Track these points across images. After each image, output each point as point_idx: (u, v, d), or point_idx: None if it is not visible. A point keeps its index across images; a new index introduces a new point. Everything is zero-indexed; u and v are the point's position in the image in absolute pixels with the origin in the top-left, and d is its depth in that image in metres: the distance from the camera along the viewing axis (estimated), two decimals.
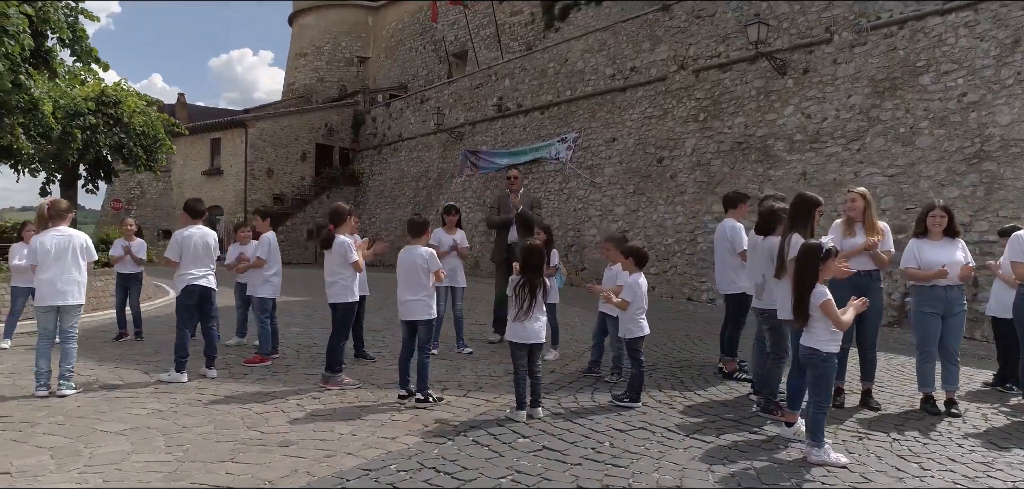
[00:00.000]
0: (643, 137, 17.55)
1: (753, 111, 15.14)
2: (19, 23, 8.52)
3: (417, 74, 35.70)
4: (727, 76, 16.00)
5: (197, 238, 5.68)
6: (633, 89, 18.35)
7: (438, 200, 24.91)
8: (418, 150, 27.61)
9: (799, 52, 14.62)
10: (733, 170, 14.98)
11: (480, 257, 21.74)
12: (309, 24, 39.58)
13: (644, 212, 16.56)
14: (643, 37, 18.30)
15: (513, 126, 22.53)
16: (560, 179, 19.62)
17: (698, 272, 14.74)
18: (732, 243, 6.37)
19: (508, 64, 23.46)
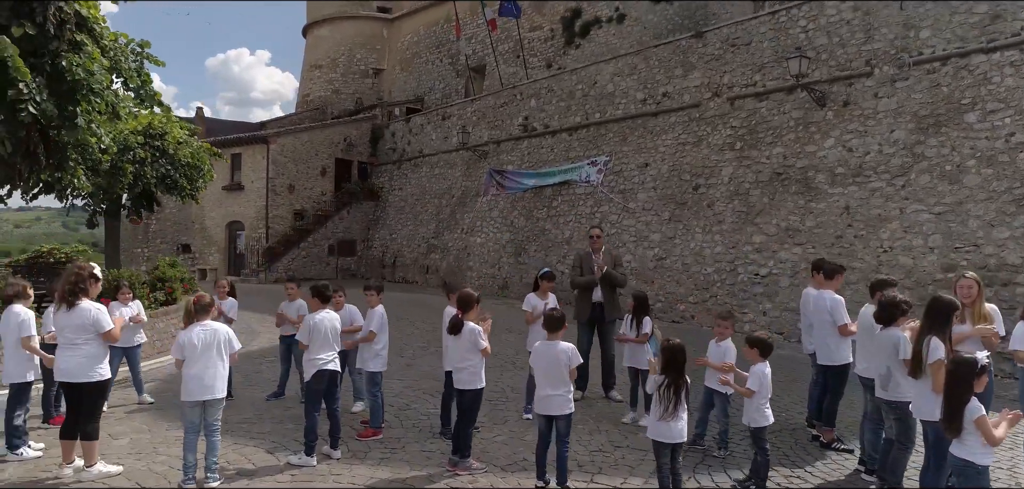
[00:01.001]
0: (677, 164, 17.70)
1: (792, 142, 15.31)
2: (103, 79, 8.65)
3: (434, 87, 35.82)
4: (764, 105, 16.17)
5: (326, 323, 5.82)
6: (665, 114, 18.50)
7: (463, 219, 25.08)
8: (440, 167, 27.73)
9: (839, 84, 14.78)
10: (773, 201, 15.14)
11: (509, 278, 21.89)
12: (323, 36, 39.66)
13: (681, 240, 16.72)
14: (675, 63, 18.45)
15: (540, 146, 22.67)
16: (591, 202, 19.77)
17: (740, 302, 14.89)
18: (834, 317, 6.51)
19: (534, 84, 23.59)
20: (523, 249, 21.53)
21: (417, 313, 17.12)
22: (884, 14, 14.17)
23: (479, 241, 23.67)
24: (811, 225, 14.21)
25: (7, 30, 7.72)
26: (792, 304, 13.93)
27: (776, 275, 14.40)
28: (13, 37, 7.68)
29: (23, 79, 7.51)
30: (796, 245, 14.31)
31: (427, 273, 26.12)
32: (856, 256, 13.21)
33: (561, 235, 20.30)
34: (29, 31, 7.84)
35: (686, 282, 16.18)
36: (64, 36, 8.14)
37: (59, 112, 8.29)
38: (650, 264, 17.17)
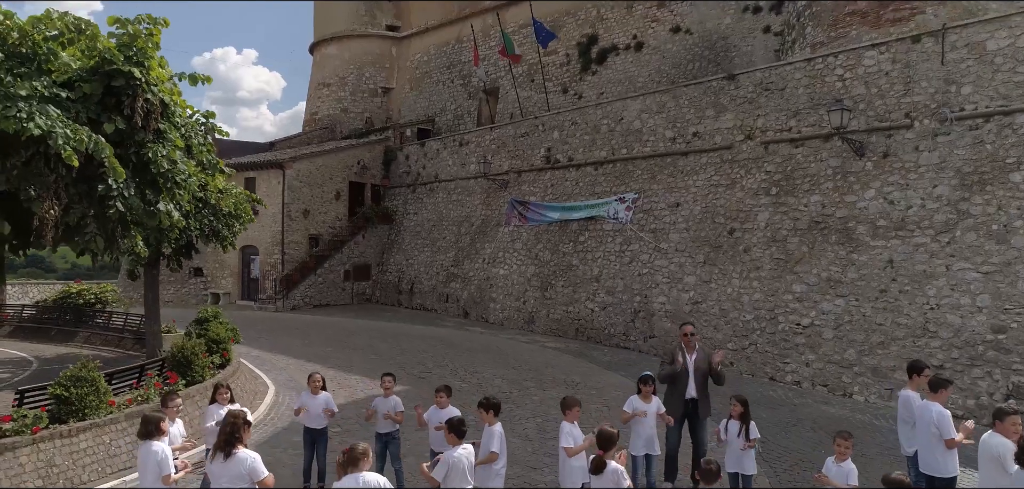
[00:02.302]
0: (710, 205, 17.81)
1: (830, 190, 15.45)
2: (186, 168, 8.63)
3: (445, 108, 35.81)
4: (800, 151, 16.31)
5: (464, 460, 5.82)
6: (696, 154, 18.62)
7: (484, 248, 25.10)
8: (458, 193, 27.73)
9: (877, 135, 14.95)
10: (813, 250, 15.28)
11: (536, 313, 21.93)
12: (332, 54, 39.53)
13: (717, 284, 16.83)
14: (706, 103, 18.57)
15: (564, 179, 22.73)
16: (620, 240, 19.85)
17: (781, 352, 15.02)
18: (941, 430, 6.58)
19: (557, 116, 23.65)
20: (550, 284, 21.59)
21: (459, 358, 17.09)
22: (924, 68, 14.35)
23: (502, 273, 23.70)
24: (853, 277, 14.36)
25: (99, 125, 7.70)
26: (836, 356, 14.09)
27: (819, 327, 14.53)
28: (105, 133, 7.66)
29: (118, 179, 7.49)
30: (838, 297, 14.45)
31: (446, 301, 26.11)
32: (902, 311, 13.37)
33: (590, 272, 20.37)
34: (119, 126, 7.82)
35: (724, 328, 16.29)
36: (150, 127, 8.11)
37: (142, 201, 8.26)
38: (685, 307, 17.27)
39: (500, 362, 16.35)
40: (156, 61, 8.16)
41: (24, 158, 7.22)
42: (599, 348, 18.54)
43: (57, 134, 6.82)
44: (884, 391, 13.13)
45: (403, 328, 22.00)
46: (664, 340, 17.57)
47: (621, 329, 18.79)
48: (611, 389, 13.69)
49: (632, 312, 18.60)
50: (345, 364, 15.90)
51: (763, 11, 23.79)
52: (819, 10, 18.14)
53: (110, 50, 7.37)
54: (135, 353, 16.14)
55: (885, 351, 13.36)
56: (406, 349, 17.98)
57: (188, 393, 10.06)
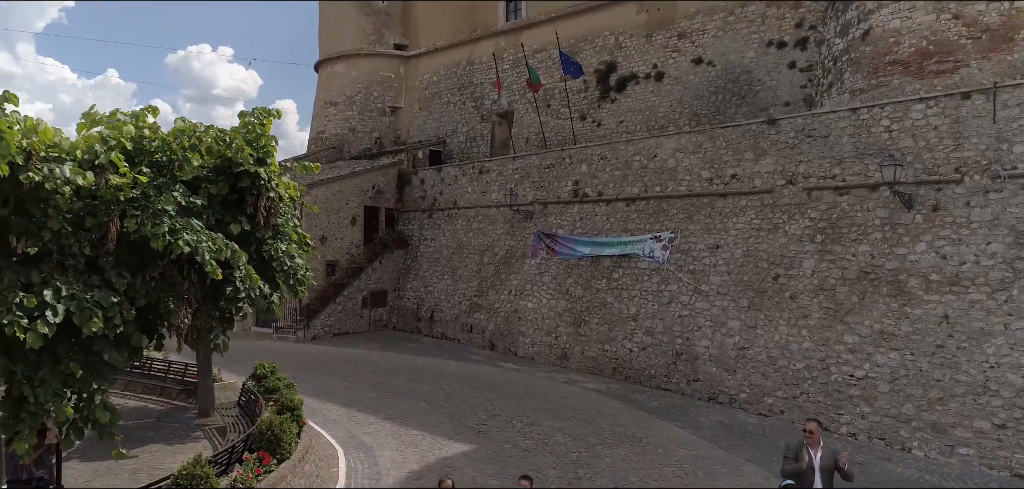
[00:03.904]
0: (752, 249, 17.99)
1: (879, 241, 15.68)
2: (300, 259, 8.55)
3: (457, 129, 35.72)
4: (845, 200, 16.53)
5: None
6: (735, 197, 18.78)
7: (509, 279, 25.08)
8: (479, 221, 27.67)
9: (926, 187, 15.20)
10: (863, 301, 15.50)
11: (569, 349, 21.96)
12: (338, 73, 39.24)
13: (764, 331, 17.00)
14: (745, 146, 18.74)
15: (593, 213, 22.79)
16: (657, 280, 19.96)
17: (835, 403, 15.22)
18: None
19: (586, 149, 23.71)
20: (583, 320, 21.64)
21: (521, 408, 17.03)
22: (975, 124, 14.62)
23: (531, 306, 23.71)
24: (907, 331, 14.60)
25: (226, 225, 7.61)
26: (893, 410, 14.31)
27: (874, 379, 14.75)
28: (232, 234, 7.57)
29: (254, 286, 7.41)
30: (893, 350, 14.68)
31: (470, 332, 26.06)
32: (960, 368, 13.62)
33: (626, 310, 20.46)
34: (245, 226, 7.75)
35: (773, 375, 16.47)
36: (269, 223, 8.03)
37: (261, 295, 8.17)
38: (731, 353, 17.43)
39: (550, 410, 16.36)
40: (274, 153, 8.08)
41: (160, 268, 7.10)
42: (641, 390, 18.63)
43: (202, 249, 6.72)
44: (945, 447, 13.38)
45: (436, 365, 21.91)
46: (709, 385, 17.74)
47: (662, 371, 18.90)
48: (676, 446, 13.79)
49: (673, 354, 18.72)
50: (399, 415, 15.80)
51: (788, 46, 24.08)
52: (858, 57, 18.40)
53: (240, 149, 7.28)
54: (184, 405, 15.90)
55: (944, 407, 13.61)
56: (450, 393, 17.92)
57: (280, 473, 9.94)
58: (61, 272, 6.13)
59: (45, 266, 6.07)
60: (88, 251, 6.35)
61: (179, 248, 6.53)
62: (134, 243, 6.68)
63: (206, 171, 7.62)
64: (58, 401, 6.09)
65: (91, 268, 6.43)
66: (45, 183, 5.51)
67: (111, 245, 6.38)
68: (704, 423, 15.56)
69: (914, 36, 17.25)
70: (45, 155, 5.61)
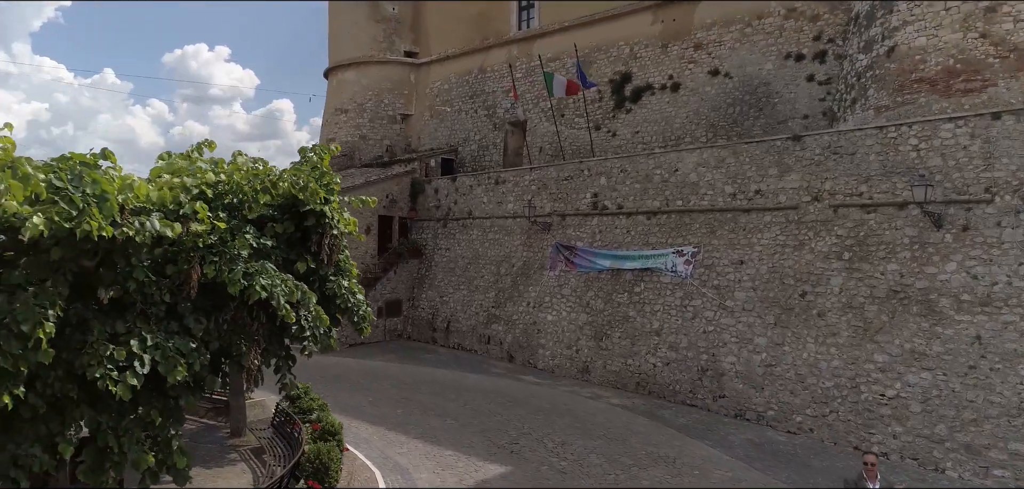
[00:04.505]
0: (777, 266, 18.02)
1: (908, 260, 15.73)
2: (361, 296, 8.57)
3: (469, 137, 35.72)
4: (872, 218, 16.57)
5: None
6: (759, 212, 18.82)
7: (528, 291, 25.11)
8: (495, 232, 27.68)
9: (955, 207, 15.26)
10: (893, 320, 15.55)
11: (590, 363, 21.99)
12: (349, 80, 39.20)
13: (791, 348, 17.04)
14: (769, 162, 18.77)
15: (613, 226, 22.82)
16: (680, 294, 19.99)
17: (866, 422, 15.27)
18: None
19: (605, 162, 23.73)
20: (605, 334, 21.67)
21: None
22: (1005, 145, 14.67)
23: (550, 318, 23.73)
24: (939, 351, 14.65)
25: (292, 264, 7.63)
26: (925, 431, 14.37)
27: (905, 399, 14.80)
28: (298, 272, 7.59)
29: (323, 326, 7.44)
30: (924, 370, 14.73)
31: (488, 343, 26.07)
32: (994, 390, 13.68)
33: (649, 325, 20.49)
34: (310, 264, 7.77)
35: (801, 393, 16.51)
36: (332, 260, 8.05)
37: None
38: (758, 369, 17.47)
39: (579, 428, 16.39)
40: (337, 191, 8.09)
41: (231, 311, 7.11)
42: (666, 406, 18.66)
43: (277, 293, 6.73)
44: (979, 469, 13.44)
45: (456, 378, 21.92)
46: (736, 401, 17.77)
47: (687, 386, 18.94)
48: (710, 468, 13.83)
49: (699, 370, 18.75)
50: (429, 433, 15.82)
51: (806, 59, 24.11)
52: (883, 74, 18.46)
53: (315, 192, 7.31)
54: (214, 423, 15.88)
55: (978, 428, 13.66)
56: (477, 409, 17.93)
57: None
58: (144, 320, 6.13)
59: (129, 315, 6.07)
60: (168, 298, 6.35)
61: (256, 294, 6.54)
62: (207, 287, 6.68)
63: (272, 210, 7.63)
64: (141, 449, 6.09)
65: (170, 314, 6.44)
66: (136, 236, 5.51)
67: (193, 292, 6.39)
68: (734, 442, 15.59)
69: (940, 54, 17.31)
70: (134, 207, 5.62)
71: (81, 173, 4.95)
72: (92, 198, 4.88)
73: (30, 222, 4.50)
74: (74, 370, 5.64)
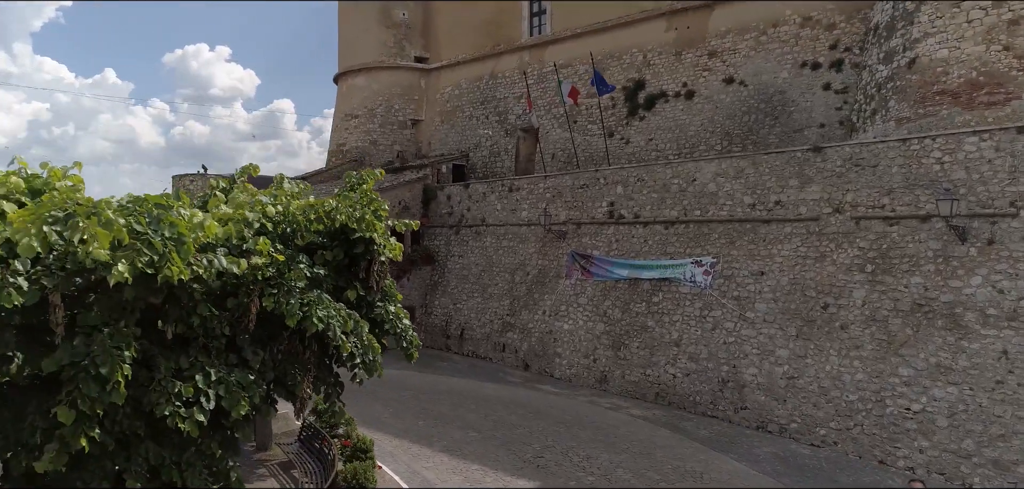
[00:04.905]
0: (798, 277, 18.02)
1: (932, 273, 15.72)
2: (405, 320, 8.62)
3: (480, 144, 35.75)
4: (895, 230, 16.57)
5: None
6: (779, 223, 18.81)
7: (543, 299, 25.11)
8: (509, 240, 27.69)
9: (980, 221, 15.25)
10: (917, 334, 15.54)
11: (608, 372, 21.99)
12: (359, 85, 39.24)
13: (814, 361, 17.04)
14: (790, 173, 18.77)
15: (630, 235, 22.82)
16: (700, 305, 19.99)
17: (891, 436, 15.27)
18: None
19: (622, 170, 23.73)
20: (623, 343, 21.68)
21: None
22: None
23: (567, 327, 23.74)
24: (965, 365, 14.65)
25: (342, 291, 7.64)
26: (952, 445, 14.37)
27: (931, 413, 14.80)
28: (348, 300, 7.61)
29: (374, 354, 7.47)
30: (950, 384, 14.73)
31: (503, 352, 26.08)
32: (1022, 405, 13.68)
33: (668, 335, 20.49)
34: (360, 292, 7.79)
35: (825, 406, 16.51)
36: (379, 287, 8.06)
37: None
38: (780, 381, 17.47)
39: (603, 441, 16.39)
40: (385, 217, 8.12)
41: (285, 341, 7.13)
42: (687, 417, 18.66)
43: (334, 325, 6.75)
44: (1007, 485, 13.43)
45: (473, 387, 21.93)
46: (758, 413, 17.77)
47: (708, 398, 18.94)
48: (739, 483, 13.82)
49: (719, 381, 18.76)
50: (454, 447, 15.83)
51: (822, 68, 24.12)
52: (904, 85, 18.46)
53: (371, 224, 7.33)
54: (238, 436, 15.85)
55: (1006, 444, 13.67)
56: (499, 421, 17.94)
57: None
58: (205, 354, 6.15)
59: (192, 349, 6.09)
60: (227, 331, 6.37)
61: (314, 326, 6.55)
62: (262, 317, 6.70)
63: (321, 237, 7.65)
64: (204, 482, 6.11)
65: (229, 346, 6.45)
66: (203, 273, 5.53)
67: (251, 325, 6.40)
68: (759, 455, 15.60)
69: (963, 66, 17.31)
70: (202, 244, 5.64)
71: (159, 216, 4.96)
72: (170, 241, 4.89)
73: (116, 270, 4.51)
74: (142, 407, 5.66)
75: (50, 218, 4.41)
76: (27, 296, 4.68)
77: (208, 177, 34.70)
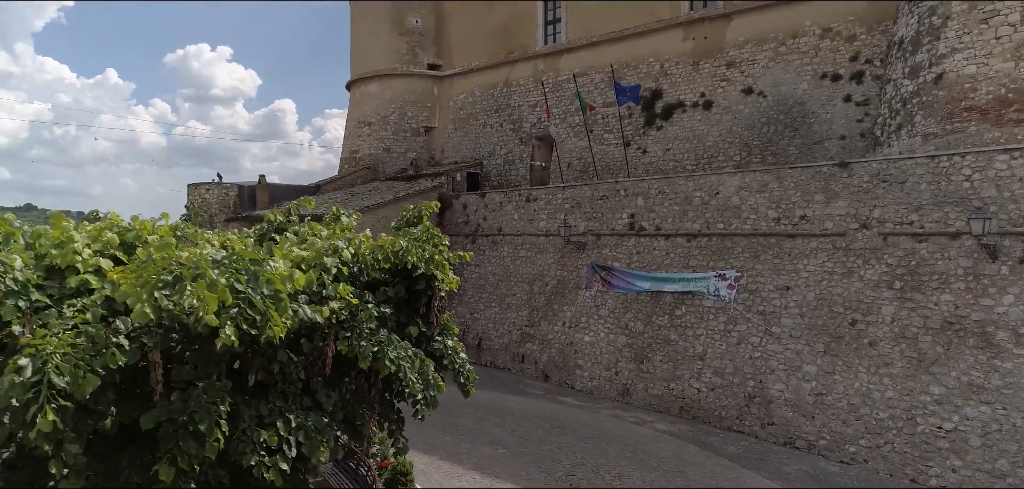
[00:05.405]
0: (825, 293, 18.02)
1: (962, 291, 15.72)
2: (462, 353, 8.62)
3: (495, 151, 35.75)
4: (924, 247, 16.56)
5: None
6: (804, 238, 18.81)
7: (563, 311, 25.12)
8: (526, 250, 27.69)
9: (1011, 239, 15.25)
10: (948, 352, 15.54)
11: (631, 385, 21.99)
12: (372, 93, 39.25)
13: (842, 377, 17.04)
14: (815, 188, 18.76)
15: (652, 247, 22.82)
16: (724, 319, 20.00)
17: (922, 455, 15.27)
18: None
19: (642, 182, 23.73)
20: (646, 357, 21.68)
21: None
22: None
23: (588, 339, 23.75)
24: (998, 384, 14.65)
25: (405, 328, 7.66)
26: (986, 465, 14.36)
27: (964, 432, 14.80)
28: (410, 336, 7.62)
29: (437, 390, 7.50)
30: (983, 404, 14.73)
31: (523, 362, 26.10)
32: None
33: (692, 349, 20.49)
34: (422, 329, 7.81)
35: (855, 423, 16.51)
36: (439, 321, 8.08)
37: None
38: (808, 398, 17.47)
39: (631, 458, 16.40)
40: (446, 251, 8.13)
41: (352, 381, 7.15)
42: (714, 433, 18.66)
43: (404, 366, 6.76)
44: None
45: (495, 399, 21.91)
46: (785, 429, 17.78)
47: (734, 413, 18.94)
48: None
49: (746, 397, 18.76)
50: (483, 464, 15.84)
51: (843, 80, 24.10)
52: (931, 100, 18.45)
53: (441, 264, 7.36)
54: None
55: None
56: (525, 436, 17.96)
57: None
58: (283, 399, 6.17)
59: (271, 395, 6.10)
60: (303, 375, 6.38)
61: (387, 368, 6.56)
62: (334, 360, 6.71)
63: (383, 274, 7.66)
64: None
65: (304, 390, 6.47)
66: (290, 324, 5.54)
67: (327, 369, 6.41)
68: (790, 473, 15.61)
69: (991, 83, 17.29)
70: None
71: (256, 273, 4.98)
72: (269, 300, 4.91)
73: (223, 333, 4.53)
74: (226, 456, 5.67)
75: (161, 283, 4.43)
76: (129, 356, 4.70)
77: (223, 185, 34.75)
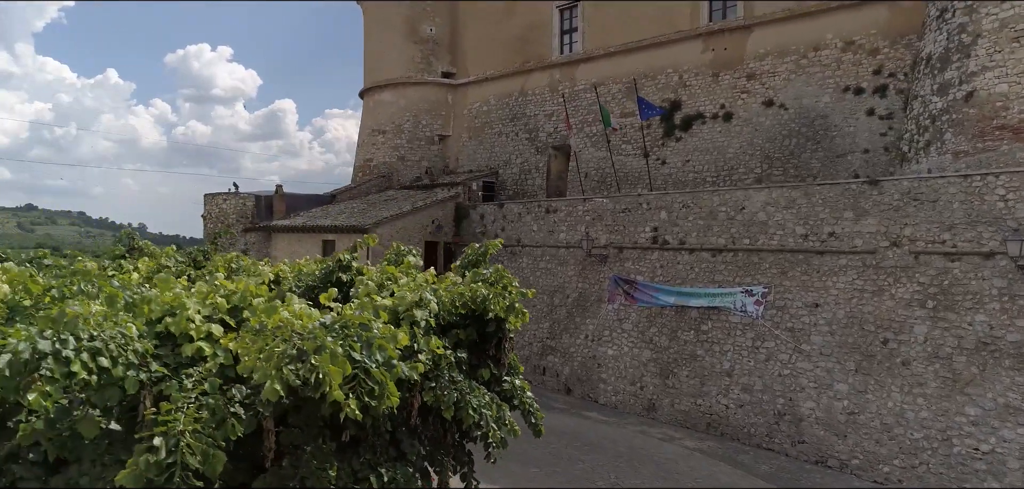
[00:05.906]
0: (855, 311, 18.02)
1: (997, 311, 15.72)
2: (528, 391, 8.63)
3: (510, 161, 35.76)
4: (957, 266, 16.56)
5: None
6: (833, 255, 18.82)
7: (585, 324, 25.12)
8: (546, 261, 27.70)
9: None
10: (984, 373, 15.55)
11: (656, 400, 21.98)
12: (387, 101, 39.26)
13: (875, 396, 17.04)
14: (844, 205, 18.76)
15: (675, 262, 22.82)
16: (752, 335, 19.99)
17: (959, 476, 15.27)
18: None
19: (665, 196, 23.74)
20: (671, 372, 21.68)
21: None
22: None
23: (611, 353, 23.75)
24: None
25: (477, 370, 7.68)
26: None
27: (1002, 455, 14.81)
28: (482, 378, 7.63)
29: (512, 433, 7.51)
30: (1020, 426, 14.73)
31: (544, 375, 26.10)
32: None
33: (719, 365, 20.49)
34: (494, 371, 7.82)
35: (888, 443, 16.51)
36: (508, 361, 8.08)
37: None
38: (840, 417, 17.47)
39: (664, 477, 16.41)
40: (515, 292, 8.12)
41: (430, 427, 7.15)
42: (743, 450, 18.67)
43: (487, 417, 6.78)
44: None
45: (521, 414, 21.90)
46: (817, 448, 17.78)
47: (763, 430, 18.94)
48: None
49: (775, 414, 18.76)
50: (516, 482, 15.83)
51: (866, 93, 24.10)
52: (961, 118, 18.45)
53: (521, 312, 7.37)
54: None
55: None
56: (555, 454, 17.91)
57: None
58: (372, 452, 6.17)
59: (362, 449, 6.11)
60: (389, 427, 6.39)
61: (470, 418, 6.57)
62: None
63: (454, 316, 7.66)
64: None
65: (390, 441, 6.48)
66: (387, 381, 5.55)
67: (414, 421, 6.42)
68: None
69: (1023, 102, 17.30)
70: None
71: (369, 341, 4.98)
72: (384, 369, 4.91)
73: (349, 407, 4.54)
74: None
75: (287, 358, 4.43)
76: (246, 426, 4.70)
77: (240, 195, 34.75)
